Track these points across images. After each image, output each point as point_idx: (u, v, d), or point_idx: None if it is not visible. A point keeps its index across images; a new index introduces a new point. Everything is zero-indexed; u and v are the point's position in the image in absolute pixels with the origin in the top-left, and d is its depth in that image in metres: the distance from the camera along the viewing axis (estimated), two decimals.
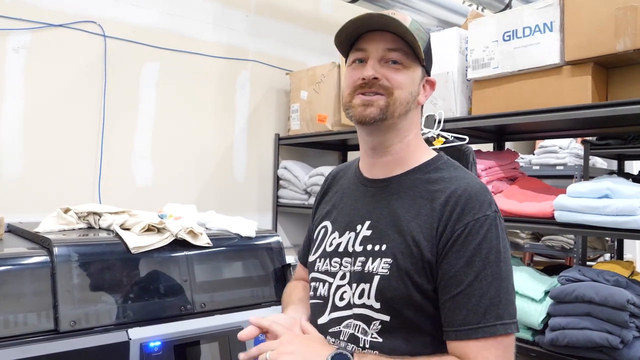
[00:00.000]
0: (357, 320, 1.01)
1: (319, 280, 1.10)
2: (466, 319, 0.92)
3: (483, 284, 0.92)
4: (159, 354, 1.40)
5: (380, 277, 0.98)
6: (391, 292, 0.97)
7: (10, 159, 2.32)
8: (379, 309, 0.98)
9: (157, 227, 1.65)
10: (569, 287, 1.85)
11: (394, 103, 1.02)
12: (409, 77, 1.03)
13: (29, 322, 1.31)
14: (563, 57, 1.92)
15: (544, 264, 3.66)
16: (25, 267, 1.39)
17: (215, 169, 3.01)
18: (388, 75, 1.01)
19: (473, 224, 0.95)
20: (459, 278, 0.93)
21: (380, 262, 0.99)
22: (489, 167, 2.28)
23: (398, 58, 1.02)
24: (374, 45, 1.02)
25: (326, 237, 1.13)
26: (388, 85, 1.01)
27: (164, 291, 1.57)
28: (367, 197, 1.09)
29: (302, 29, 3.38)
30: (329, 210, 1.18)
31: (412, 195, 1.02)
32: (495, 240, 0.95)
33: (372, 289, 0.99)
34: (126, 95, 2.66)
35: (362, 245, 1.04)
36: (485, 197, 0.99)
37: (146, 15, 2.72)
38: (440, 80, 2.28)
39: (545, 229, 2.15)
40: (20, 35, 2.33)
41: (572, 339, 1.80)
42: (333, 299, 1.05)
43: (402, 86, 1.02)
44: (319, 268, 1.11)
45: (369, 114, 1.01)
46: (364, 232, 1.05)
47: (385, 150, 1.07)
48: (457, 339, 0.92)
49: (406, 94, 1.03)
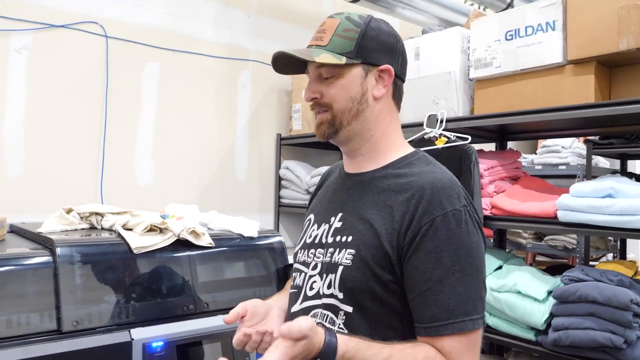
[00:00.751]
0: (325, 310, 1.03)
1: (297, 270, 1.14)
2: (435, 315, 0.93)
3: (452, 280, 0.93)
4: (161, 354, 1.40)
5: (343, 268, 1.00)
6: (352, 282, 0.99)
7: (12, 160, 2.32)
8: (342, 299, 1.00)
9: (160, 227, 1.65)
10: (572, 287, 1.84)
11: (336, 115, 1.06)
12: (343, 85, 1.05)
13: (31, 322, 1.31)
14: (566, 56, 1.91)
15: (546, 264, 3.66)
16: (28, 268, 1.39)
17: (217, 169, 3.01)
18: (323, 92, 1.06)
19: (441, 219, 0.95)
20: (428, 274, 0.94)
21: (345, 253, 1.01)
22: (491, 166, 2.27)
23: (326, 73, 1.06)
24: (309, 65, 1.08)
25: (308, 229, 1.17)
26: (327, 101, 1.06)
27: (167, 291, 1.57)
28: (342, 191, 1.13)
29: (303, 29, 3.38)
30: (315, 204, 1.23)
31: (380, 188, 1.05)
32: (465, 235, 0.95)
33: (337, 279, 1.01)
34: (128, 95, 2.66)
35: (333, 237, 1.07)
36: (453, 191, 0.99)
37: (147, 15, 2.72)
38: (442, 79, 2.27)
39: (548, 229, 2.14)
40: (22, 35, 2.33)
41: (575, 339, 1.79)
42: (305, 288, 1.09)
43: (336, 98, 1.05)
44: (299, 259, 1.15)
45: (322, 133, 1.08)
46: (335, 224, 1.08)
47: (356, 152, 1.11)
48: (427, 335, 0.94)
49: (344, 102, 1.06)
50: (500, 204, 2.12)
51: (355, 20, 1.06)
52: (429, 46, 2.36)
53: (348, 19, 1.06)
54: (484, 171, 2.21)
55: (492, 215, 2.14)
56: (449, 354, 0.92)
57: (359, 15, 1.08)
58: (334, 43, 1.04)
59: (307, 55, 1.03)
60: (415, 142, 2.23)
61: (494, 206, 2.15)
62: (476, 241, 0.98)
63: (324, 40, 1.05)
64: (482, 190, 2.19)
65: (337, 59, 1.03)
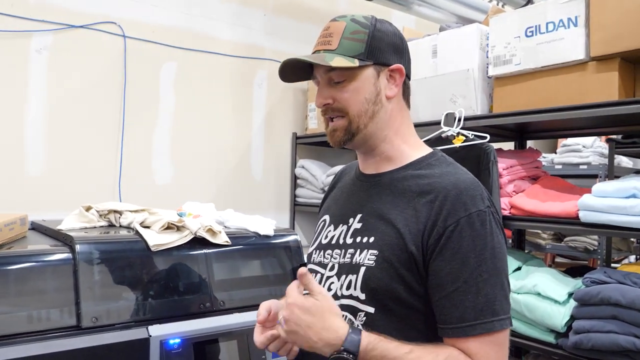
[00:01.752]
0: (343, 311, 1.01)
1: (313, 272, 1.13)
2: (463, 316, 0.92)
3: (478, 281, 0.93)
4: (178, 351, 1.41)
5: (366, 268, 1.00)
6: (375, 283, 0.98)
7: (33, 158, 2.35)
8: (364, 300, 1.00)
9: (177, 225, 1.66)
10: (593, 289, 1.80)
11: (353, 120, 1.05)
12: (356, 88, 1.05)
13: (51, 318, 1.33)
14: (588, 53, 1.87)
15: (566, 266, 3.60)
16: (48, 264, 1.41)
17: (233, 168, 3.01)
18: (336, 97, 1.05)
19: (465, 220, 0.95)
20: (454, 275, 0.93)
21: (367, 254, 1.01)
22: (510, 165, 2.24)
23: (337, 77, 1.05)
24: (317, 70, 1.08)
25: (323, 230, 1.16)
26: (341, 106, 1.05)
27: (184, 289, 1.58)
28: (360, 192, 1.12)
29: (319, 28, 3.34)
30: (329, 205, 1.22)
31: (401, 189, 1.04)
32: (489, 236, 0.95)
33: (359, 280, 1.00)
34: (145, 94, 2.68)
35: (353, 238, 1.06)
36: (477, 192, 0.99)
37: (165, 15, 2.74)
38: (461, 77, 2.25)
39: (570, 229, 2.11)
40: (42, 36, 2.37)
41: (597, 343, 1.75)
42: None
43: (350, 102, 1.05)
44: (314, 259, 1.15)
45: (337, 139, 1.07)
46: (355, 225, 1.08)
47: (372, 153, 1.11)
48: (453, 335, 0.93)
49: (360, 105, 1.05)
50: (519, 203, 2.09)
51: (361, 22, 1.06)
52: (447, 44, 2.33)
53: (354, 21, 1.06)
54: (502, 170, 2.18)
55: (511, 215, 2.11)
56: (475, 355, 0.91)
57: (363, 16, 1.08)
58: (343, 46, 1.04)
59: (321, 60, 1.02)
60: (432, 141, 2.21)
61: (513, 206, 2.11)
62: (499, 241, 0.98)
63: (332, 44, 1.05)
64: (501, 190, 2.15)
65: (350, 61, 1.02)
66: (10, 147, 2.30)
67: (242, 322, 1.56)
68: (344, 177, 1.25)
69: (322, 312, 0.92)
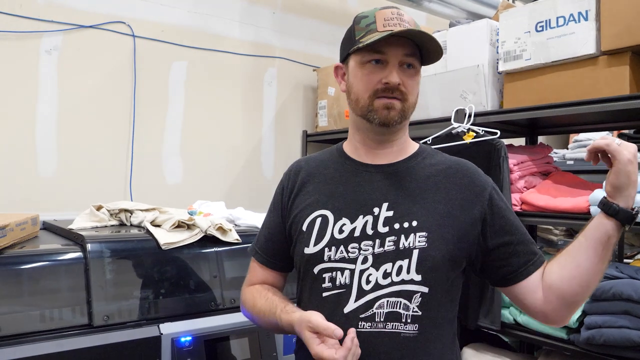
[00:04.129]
0: (395, 298, 1.03)
1: (334, 270, 1.07)
2: (534, 251, 1.12)
3: (520, 227, 1.13)
4: (189, 348, 1.42)
5: (419, 250, 1.04)
6: (431, 262, 1.05)
7: (44, 159, 2.38)
8: (420, 281, 1.04)
9: (187, 223, 1.67)
10: (605, 285, 1.79)
11: (408, 107, 1.11)
12: (418, 81, 1.12)
13: (64, 316, 1.34)
14: (599, 47, 1.85)
15: None
16: (60, 263, 1.42)
17: (243, 166, 3.02)
18: (406, 82, 1.08)
19: (492, 187, 1.14)
20: (515, 224, 1.13)
21: (416, 237, 1.05)
22: (521, 161, 2.22)
23: (413, 63, 1.09)
24: (393, 50, 1.07)
25: (329, 226, 1.10)
26: (405, 91, 1.08)
27: (194, 287, 1.59)
28: (376, 182, 1.13)
29: (328, 25, 3.36)
30: (321, 200, 1.14)
31: (422, 175, 1.13)
32: (501, 195, 1.16)
33: (412, 263, 1.04)
34: (155, 94, 2.69)
35: (388, 226, 1.08)
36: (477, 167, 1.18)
37: (174, 14, 2.75)
38: (471, 73, 2.23)
39: (581, 225, 2.08)
40: (52, 37, 2.39)
41: (609, 338, 1.74)
42: (359, 284, 1.05)
43: (414, 91, 1.11)
44: (331, 257, 1.08)
45: (392, 118, 1.09)
46: (384, 214, 1.09)
47: (392, 143, 1.16)
48: (535, 269, 1.10)
49: (415, 97, 1.12)
50: (530, 199, 2.07)
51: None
52: (457, 40, 2.31)
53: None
54: (513, 166, 2.16)
55: (522, 211, 2.10)
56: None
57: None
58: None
59: (436, 43, 1.08)
60: (442, 138, 2.20)
61: (524, 202, 2.10)
62: None
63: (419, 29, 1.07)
64: (512, 186, 2.14)
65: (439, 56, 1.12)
66: (21, 147, 2.32)
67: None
68: (319, 171, 1.19)
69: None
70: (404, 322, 1.02)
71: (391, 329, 1.02)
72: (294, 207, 1.19)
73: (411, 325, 1.02)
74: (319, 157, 1.25)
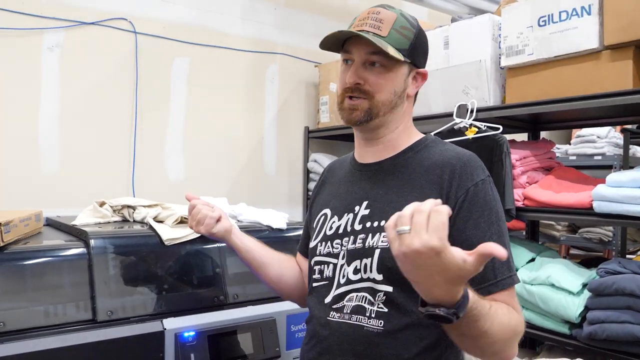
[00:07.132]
0: (362, 293, 1.06)
1: (323, 263, 1.16)
2: (484, 276, 0.97)
3: (490, 242, 0.93)
4: (193, 343, 1.42)
5: (381, 250, 1.04)
6: (391, 263, 0.98)
7: (47, 155, 2.38)
8: (381, 281, 1.04)
9: None
10: (608, 280, 1.79)
11: (376, 105, 1.09)
12: (391, 78, 1.09)
13: (67, 312, 1.34)
14: (602, 42, 1.85)
15: (580, 257, 3.56)
16: (64, 259, 1.43)
17: (245, 162, 3.03)
18: (369, 80, 1.08)
19: (473, 189, 1.03)
20: (470, 241, 0.97)
21: (380, 236, 1.05)
22: (524, 157, 2.22)
23: (379, 61, 1.08)
24: (357, 49, 1.09)
25: (326, 223, 1.19)
26: (369, 89, 1.08)
27: (197, 282, 1.59)
28: (362, 181, 1.16)
29: (330, 21, 3.36)
30: (327, 200, 1.24)
31: (405, 172, 1.10)
32: (492, 201, 1.04)
33: (374, 262, 1.05)
34: (157, 90, 2.69)
35: (362, 224, 1.10)
36: (477, 163, 1.07)
37: (175, 10, 2.75)
38: (473, 68, 2.23)
39: (584, 220, 2.08)
40: (54, 34, 2.39)
41: (612, 333, 1.74)
42: (338, 278, 1.11)
43: (382, 89, 1.09)
44: (321, 252, 1.17)
45: (355, 117, 1.10)
46: (362, 212, 1.11)
47: (377, 140, 1.15)
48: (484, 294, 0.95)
49: (387, 95, 1.10)
50: (533, 194, 2.07)
51: (409, 20, 1.11)
52: (459, 35, 2.31)
53: (403, 17, 1.11)
54: (516, 161, 2.16)
55: (524, 206, 2.09)
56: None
57: (409, 14, 1.14)
58: (392, 37, 1.07)
59: (381, 43, 1.04)
60: (444, 133, 2.19)
61: (527, 197, 2.10)
62: (500, 206, 1.07)
63: (382, 30, 1.07)
64: (514, 181, 2.14)
65: (398, 54, 1.07)
66: (24, 144, 2.33)
67: (256, 315, 1.57)
68: (337, 172, 1.28)
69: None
70: (368, 316, 1.05)
71: (355, 321, 1.06)
72: (314, 205, 1.30)
73: (375, 320, 1.04)
74: (344, 158, 1.31)
